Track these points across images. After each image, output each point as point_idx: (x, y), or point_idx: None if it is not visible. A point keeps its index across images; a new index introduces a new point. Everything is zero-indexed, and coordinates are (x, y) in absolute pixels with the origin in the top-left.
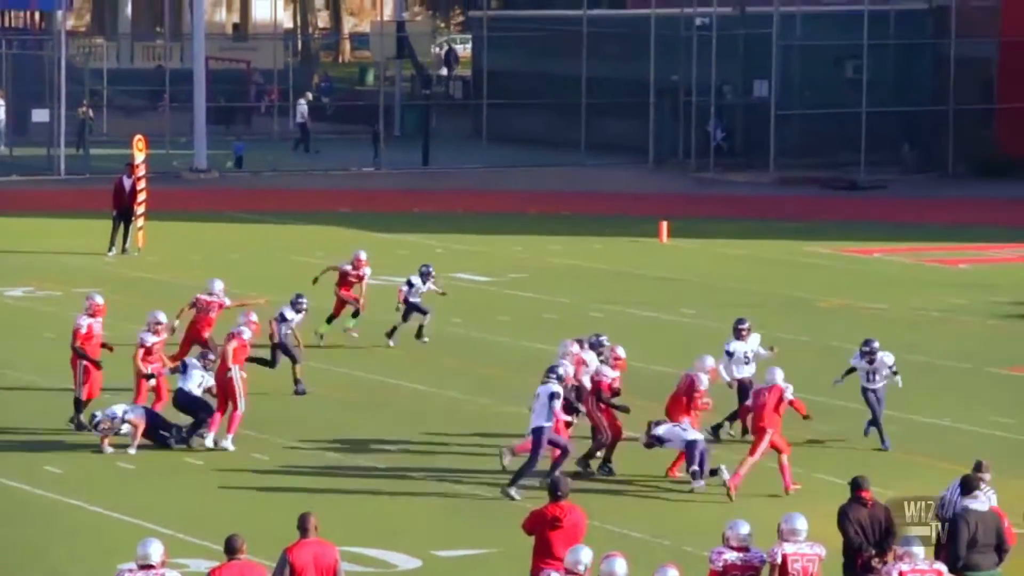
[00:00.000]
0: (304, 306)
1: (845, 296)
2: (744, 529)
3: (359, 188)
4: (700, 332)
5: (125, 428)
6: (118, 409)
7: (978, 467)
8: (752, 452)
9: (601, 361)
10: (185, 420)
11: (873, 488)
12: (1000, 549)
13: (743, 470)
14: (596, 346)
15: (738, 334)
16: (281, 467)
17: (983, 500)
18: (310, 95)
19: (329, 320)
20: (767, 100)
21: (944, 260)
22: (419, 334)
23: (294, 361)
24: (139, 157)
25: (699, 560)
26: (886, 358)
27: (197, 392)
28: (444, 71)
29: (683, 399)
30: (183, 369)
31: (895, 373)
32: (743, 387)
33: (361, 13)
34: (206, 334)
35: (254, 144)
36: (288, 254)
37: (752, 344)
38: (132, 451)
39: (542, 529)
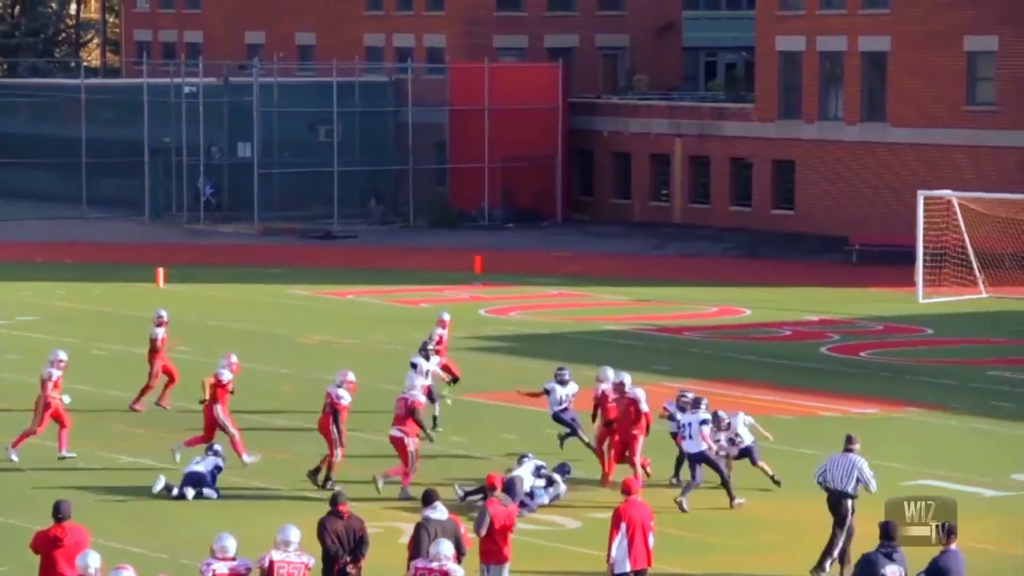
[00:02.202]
0: None
1: (324, 333)
2: (229, 542)
3: None
4: (193, 367)
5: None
6: None
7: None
8: None
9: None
10: None
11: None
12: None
13: None
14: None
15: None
16: None
17: (442, 511)
18: None
19: None
20: (250, 159)
21: (407, 300)
22: None
23: None
24: None
25: (194, 571)
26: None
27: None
28: None
29: None
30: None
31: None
32: None
33: None
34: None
35: None
36: None
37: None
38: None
39: (47, 549)
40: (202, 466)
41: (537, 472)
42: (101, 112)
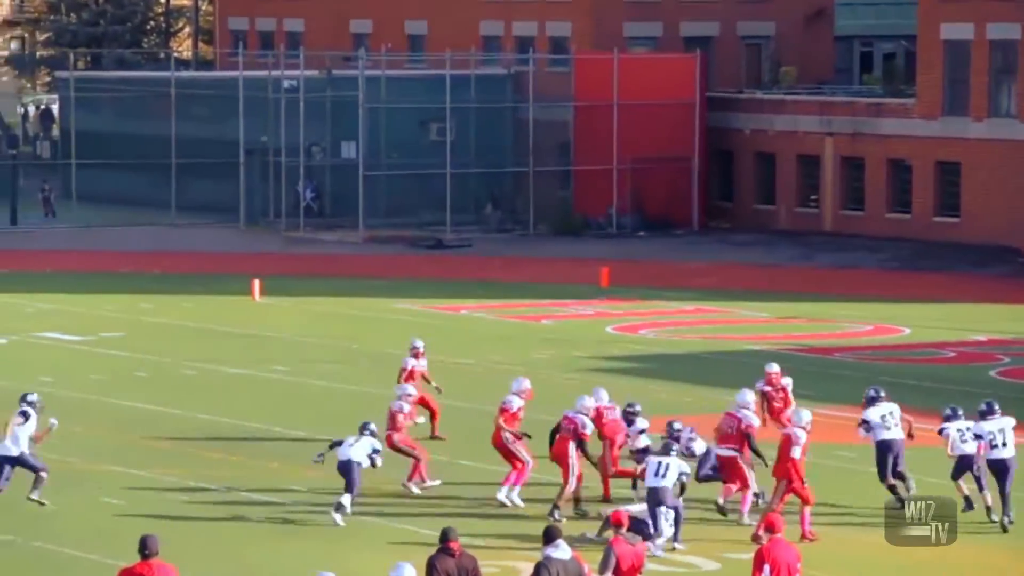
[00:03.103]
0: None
1: (434, 351)
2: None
3: None
4: (292, 388)
5: None
6: None
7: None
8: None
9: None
10: None
11: None
12: None
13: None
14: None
15: None
16: None
17: (564, 549)
18: None
19: None
20: (355, 161)
21: (527, 316)
22: None
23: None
24: None
25: None
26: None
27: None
28: (42, 130)
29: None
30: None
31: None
32: None
33: None
34: None
35: None
36: None
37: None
38: None
39: None
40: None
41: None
42: (193, 108)
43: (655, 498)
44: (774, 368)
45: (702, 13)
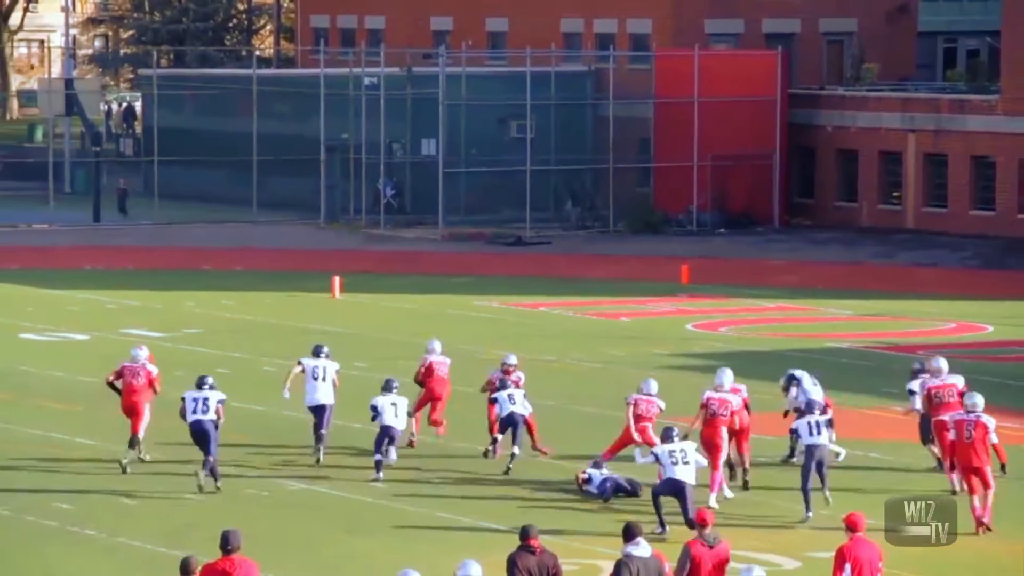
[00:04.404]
0: None
1: (512, 348)
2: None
3: (30, 245)
4: (372, 385)
5: None
6: None
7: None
8: None
9: None
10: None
11: None
12: None
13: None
14: None
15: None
16: None
17: (644, 547)
18: None
19: None
20: (435, 158)
21: (606, 313)
22: None
23: None
24: None
25: None
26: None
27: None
28: (124, 127)
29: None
30: None
31: None
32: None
33: (28, 70)
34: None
35: None
36: None
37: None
38: None
39: None
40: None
41: None
42: (274, 105)
43: (815, 455)
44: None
45: (784, 9)
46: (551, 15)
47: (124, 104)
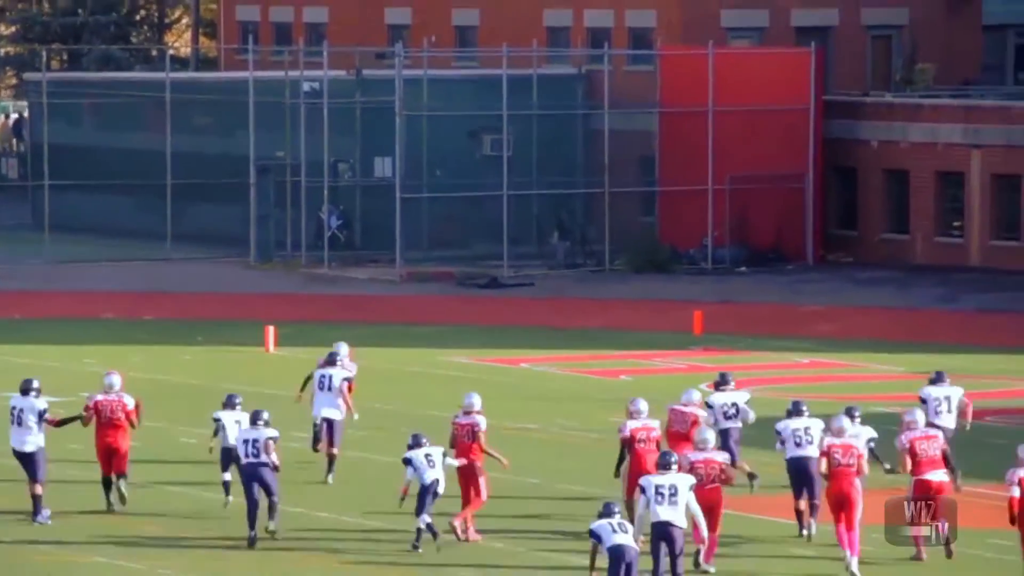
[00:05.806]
0: None
1: (487, 414)
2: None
3: None
4: (311, 462)
5: None
6: None
7: None
8: None
9: None
10: None
11: None
12: None
13: None
14: None
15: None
16: None
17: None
18: None
19: None
20: (391, 181)
21: (601, 371)
22: None
23: None
24: None
25: None
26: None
27: None
28: (11, 144)
29: None
30: None
31: None
32: None
33: None
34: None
35: None
36: None
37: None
38: None
39: None
40: None
41: None
42: (192, 117)
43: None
44: None
45: None
46: (532, 6)
47: (10, 116)
